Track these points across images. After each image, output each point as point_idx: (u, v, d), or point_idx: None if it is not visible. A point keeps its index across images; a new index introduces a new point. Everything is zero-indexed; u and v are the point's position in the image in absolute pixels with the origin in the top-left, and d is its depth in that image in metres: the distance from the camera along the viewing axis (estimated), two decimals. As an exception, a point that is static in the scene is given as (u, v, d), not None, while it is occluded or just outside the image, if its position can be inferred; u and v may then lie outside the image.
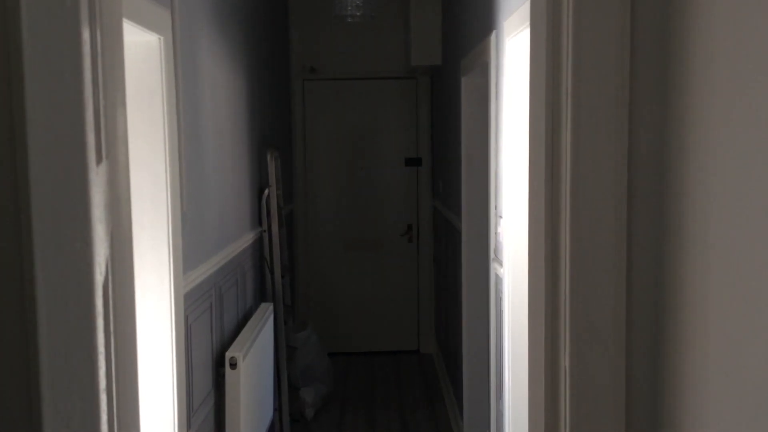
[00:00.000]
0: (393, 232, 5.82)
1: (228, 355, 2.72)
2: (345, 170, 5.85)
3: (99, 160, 0.69)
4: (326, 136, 5.83)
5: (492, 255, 3.19)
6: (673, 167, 1.16)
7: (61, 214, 0.50)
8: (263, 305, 3.57)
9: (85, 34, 0.65)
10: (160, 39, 2.06)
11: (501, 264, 2.93)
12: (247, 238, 3.48)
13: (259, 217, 3.86)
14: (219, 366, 2.77)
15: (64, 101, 0.54)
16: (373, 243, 5.83)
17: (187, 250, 2.33)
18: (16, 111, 0.47)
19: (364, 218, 5.82)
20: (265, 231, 3.88)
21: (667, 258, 1.19)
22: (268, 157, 3.95)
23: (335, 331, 5.81)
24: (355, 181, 5.81)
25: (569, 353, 1.27)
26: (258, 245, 3.79)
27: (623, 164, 1.25)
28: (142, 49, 2.05)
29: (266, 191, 3.88)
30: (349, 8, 4.62)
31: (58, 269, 0.49)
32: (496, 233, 3.09)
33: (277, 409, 3.96)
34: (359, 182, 5.79)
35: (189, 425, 2.33)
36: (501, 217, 2.94)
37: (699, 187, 1.07)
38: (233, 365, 2.71)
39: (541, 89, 1.34)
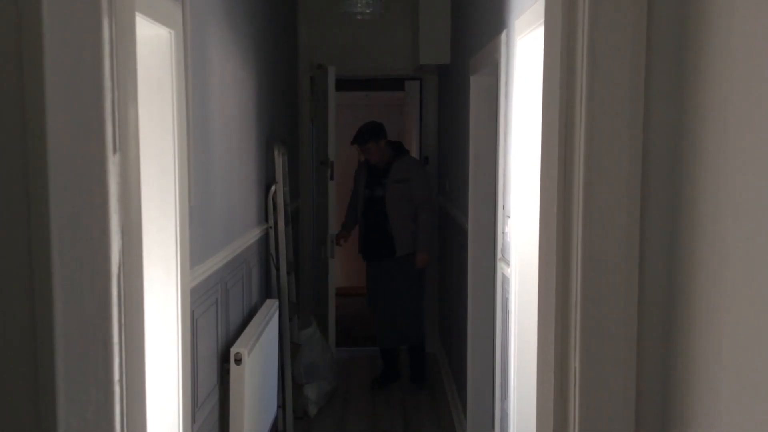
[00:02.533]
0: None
1: (233, 350, 2.72)
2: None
3: (115, 151, 0.68)
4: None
5: (499, 254, 3.18)
6: (687, 166, 1.16)
7: (79, 203, 0.49)
8: (268, 302, 3.56)
9: (105, 26, 0.64)
10: (170, 33, 2.06)
11: (508, 264, 2.92)
12: (254, 234, 3.48)
13: (265, 213, 3.85)
14: (224, 361, 2.76)
15: (84, 91, 0.54)
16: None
17: (194, 245, 2.33)
18: (36, 100, 0.46)
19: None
20: (271, 227, 3.87)
21: (679, 258, 1.18)
22: (275, 153, 3.94)
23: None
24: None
25: (580, 354, 1.27)
26: (264, 241, 3.79)
27: (637, 163, 1.24)
28: (153, 43, 2.05)
29: (273, 187, 3.88)
30: (359, 6, 4.61)
31: (74, 257, 0.49)
32: (503, 233, 3.08)
33: (281, 405, 3.96)
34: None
35: (194, 419, 2.33)
36: (509, 216, 2.93)
37: (714, 187, 1.06)
38: (238, 361, 2.70)
39: (555, 87, 1.33)
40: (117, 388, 0.62)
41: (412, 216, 4.95)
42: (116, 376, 0.61)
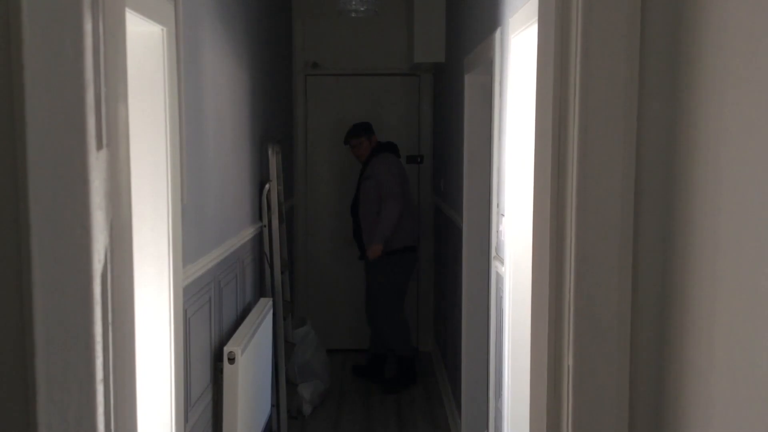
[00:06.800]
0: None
1: (226, 349, 2.71)
2: (345, 166, 5.83)
3: (99, 147, 0.67)
4: (328, 132, 5.82)
5: (493, 253, 3.17)
6: (681, 165, 1.15)
7: (59, 198, 0.48)
8: (262, 300, 3.55)
9: (87, 17, 0.63)
10: (162, 30, 2.05)
11: (502, 262, 2.91)
12: (247, 233, 3.46)
13: (259, 211, 3.84)
14: (217, 360, 2.75)
15: (64, 83, 0.53)
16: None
17: (187, 243, 2.32)
18: (15, 92, 0.45)
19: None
20: (265, 226, 3.86)
21: (673, 256, 1.18)
22: (270, 151, 3.93)
23: (334, 328, 5.79)
24: (355, 178, 5.79)
25: (573, 352, 1.26)
26: (258, 240, 3.78)
27: (631, 161, 1.23)
28: (145, 40, 2.03)
29: (267, 186, 3.87)
30: (353, 3, 4.60)
31: (55, 255, 0.48)
32: (497, 231, 3.08)
33: (275, 405, 3.95)
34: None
35: (186, 419, 2.32)
36: (503, 215, 2.93)
37: (708, 185, 1.06)
38: (231, 360, 2.69)
39: (549, 84, 1.32)
40: (100, 388, 0.61)
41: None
42: (99, 376, 0.60)
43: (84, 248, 0.54)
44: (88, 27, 0.62)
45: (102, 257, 0.65)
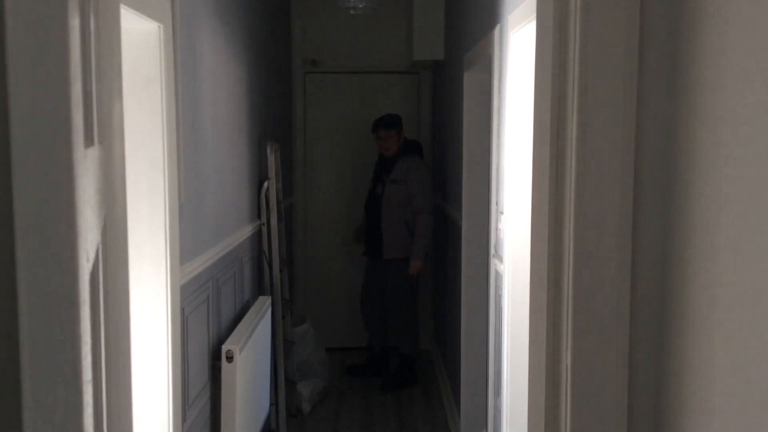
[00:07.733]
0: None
1: (224, 348, 2.70)
2: (345, 164, 5.82)
3: (89, 144, 0.66)
4: (327, 130, 5.80)
5: (492, 251, 3.16)
6: (680, 162, 1.14)
7: (44, 196, 0.47)
8: (261, 299, 3.54)
9: (74, 12, 0.62)
10: (159, 27, 2.03)
11: (501, 260, 2.90)
12: (246, 231, 3.46)
13: (258, 209, 3.83)
14: (215, 359, 2.74)
15: (49, 77, 0.52)
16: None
17: (185, 241, 2.31)
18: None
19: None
20: (263, 224, 3.85)
21: (672, 254, 1.17)
22: (268, 149, 3.92)
23: (333, 326, 5.78)
24: (354, 176, 5.78)
25: (571, 351, 1.25)
26: (256, 238, 3.77)
27: (630, 159, 1.22)
28: (141, 37, 2.02)
29: (266, 184, 3.86)
30: (352, 1, 4.59)
31: (40, 254, 0.47)
32: (496, 229, 3.07)
33: (274, 403, 3.94)
34: (359, 177, 5.75)
35: (184, 418, 2.31)
36: (502, 212, 2.92)
37: (707, 184, 1.05)
38: (230, 358, 2.68)
39: (547, 81, 1.31)
40: (89, 389, 0.60)
41: (407, 220, 4.84)
42: (87, 377, 0.60)
43: (70, 247, 0.53)
44: (74, 22, 0.61)
45: (91, 256, 0.64)
